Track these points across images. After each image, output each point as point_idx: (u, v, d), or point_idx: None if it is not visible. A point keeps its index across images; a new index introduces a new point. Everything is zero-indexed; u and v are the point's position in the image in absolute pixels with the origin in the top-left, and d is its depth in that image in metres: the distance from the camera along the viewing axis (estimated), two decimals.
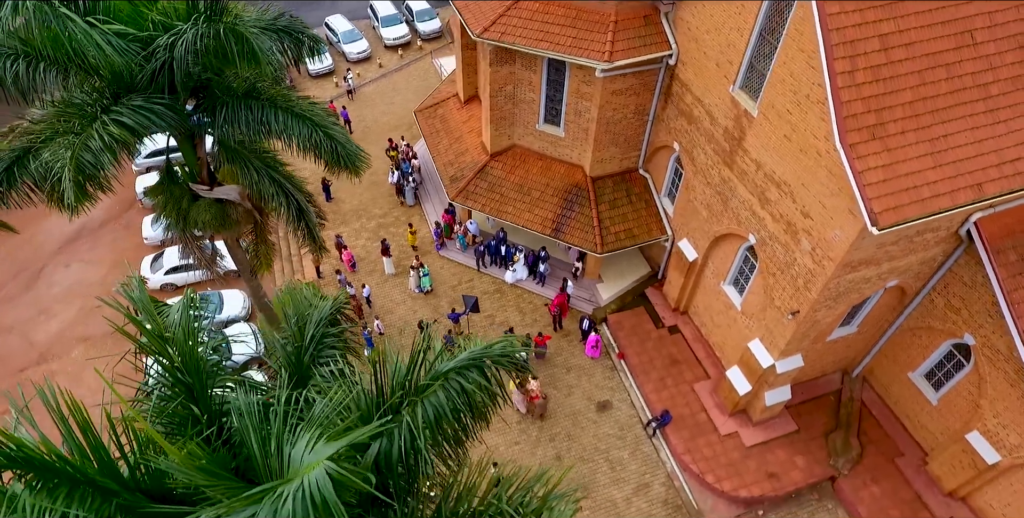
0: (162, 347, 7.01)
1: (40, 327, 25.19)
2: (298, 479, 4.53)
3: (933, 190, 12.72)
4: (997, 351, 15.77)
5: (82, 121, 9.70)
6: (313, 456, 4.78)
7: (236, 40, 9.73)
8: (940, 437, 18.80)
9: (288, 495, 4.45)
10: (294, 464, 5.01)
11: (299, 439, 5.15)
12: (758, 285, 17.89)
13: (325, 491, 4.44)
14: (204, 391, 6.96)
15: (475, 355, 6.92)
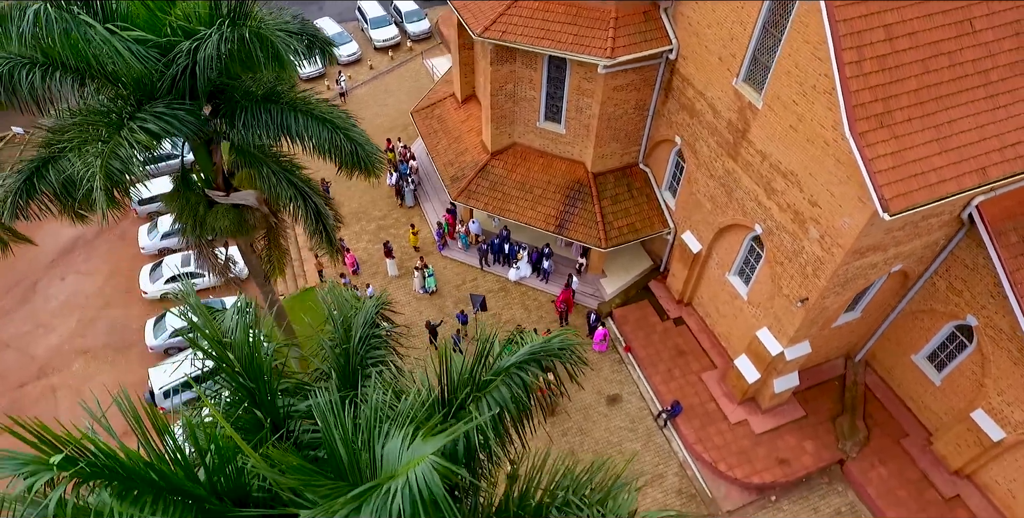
0: (223, 353, 7.01)
1: (38, 341, 24.81)
2: (404, 475, 4.61)
3: (940, 175, 13.05)
4: (1000, 331, 16.20)
5: (108, 129, 9.62)
6: (414, 452, 4.86)
7: (262, 44, 9.72)
8: (944, 417, 19.26)
9: (397, 490, 4.52)
10: (389, 461, 5.08)
11: (391, 437, 5.22)
12: (765, 274, 18.18)
13: (433, 485, 4.53)
14: (265, 395, 6.98)
15: (535, 349, 7.03)
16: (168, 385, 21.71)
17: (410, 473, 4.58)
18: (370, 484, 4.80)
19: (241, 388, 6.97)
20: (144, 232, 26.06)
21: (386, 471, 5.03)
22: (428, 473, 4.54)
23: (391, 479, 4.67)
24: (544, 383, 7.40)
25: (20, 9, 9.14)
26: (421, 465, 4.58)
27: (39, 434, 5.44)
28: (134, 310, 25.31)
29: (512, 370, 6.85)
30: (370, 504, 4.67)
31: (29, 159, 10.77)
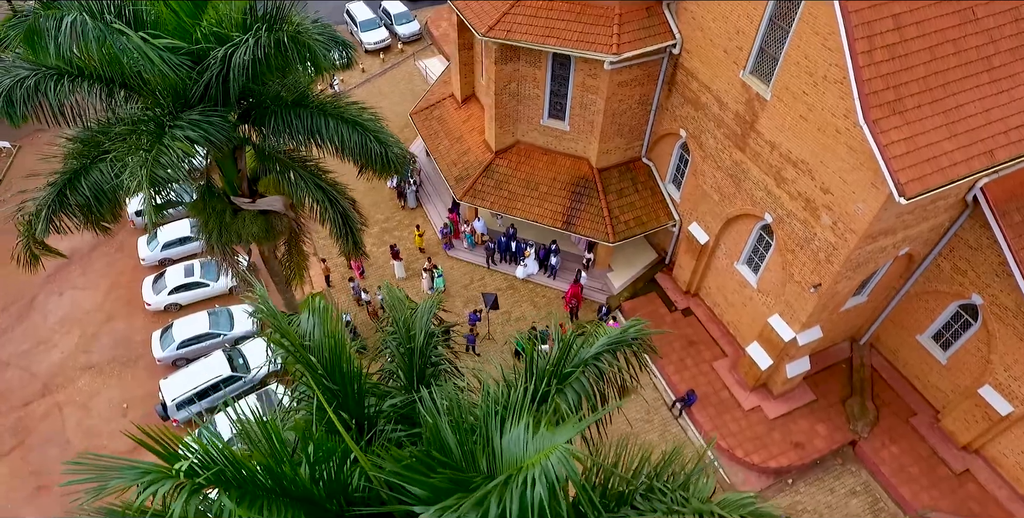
0: (306, 356, 7.06)
1: (40, 358, 24.38)
2: (538, 464, 4.74)
3: (951, 159, 13.48)
4: (1005, 308, 16.74)
5: (149, 137, 9.57)
6: (542, 442, 5.00)
7: (299, 48, 9.74)
8: (951, 395, 19.81)
9: (534, 479, 4.64)
10: (511, 452, 5.21)
11: (507, 429, 5.35)
12: (775, 262, 18.56)
13: (571, 471, 4.67)
14: (352, 396, 7.03)
15: (612, 340, 7.21)
16: (181, 396, 21.50)
17: (544, 462, 4.71)
18: (505, 475, 4.91)
19: (327, 391, 7.00)
20: (143, 243, 25.73)
21: (509, 462, 5.16)
22: (565, 460, 4.67)
23: (524, 469, 4.80)
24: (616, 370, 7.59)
25: (55, 19, 9.06)
26: (555, 453, 4.72)
27: (162, 442, 5.46)
28: (138, 322, 24.98)
29: (590, 361, 7.01)
30: (504, 494, 4.78)
31: (60, 171, 10.65)
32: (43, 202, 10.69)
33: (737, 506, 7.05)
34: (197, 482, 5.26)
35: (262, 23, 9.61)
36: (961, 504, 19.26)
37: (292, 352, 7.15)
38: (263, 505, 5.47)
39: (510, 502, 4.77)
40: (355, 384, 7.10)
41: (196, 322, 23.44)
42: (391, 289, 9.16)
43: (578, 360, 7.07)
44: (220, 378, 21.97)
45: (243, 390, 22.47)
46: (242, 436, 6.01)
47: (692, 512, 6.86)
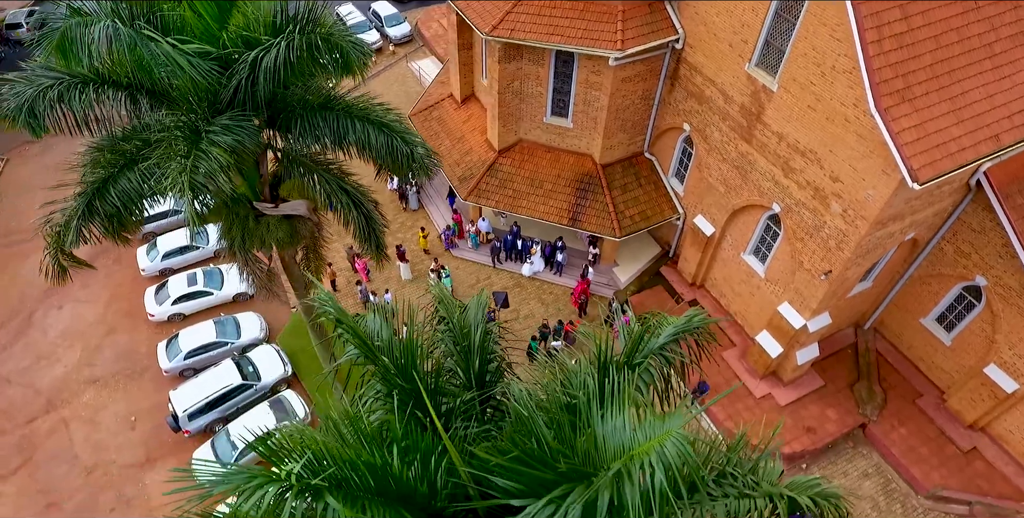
0: (378, 357, 7.08)
1: (43, 374, 23.97)
2: (653, 450, 4.87)
3: (959, 144, 13.85)
4: (1009, 288, 17.20)
5: (185, 143, 9.51)
6: (650, 430, 5.13)
7: (330, 50, 9.74)
8: (955, 375, 20.29)
9: (651, 465, 4.75)
10: (614, 442, 5.34)
11: (611, 419, 5.47)
12: (784, 251, 18.86)
13: (687, 455, 4.80)
14: (429, 395, 7.06)
15: (678, 329, 7.35)
16: (192, 407, 21.28)
17: (658, 448, 4.83)
18: (618, 463, 5.01)
19: (403, 391, 7.02)
20: (143, 254, 25.41)
21: (613, 452, 5.28)
22: (681, 445, 4.80)
23: (637, 457, 4.91)
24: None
25: (86, 25, 8.97)
26: (670, 439, 4.83)
27: (270, 446, 5.46)
28: (141, 334, 24.67)
29: (657, 351, 7.14)
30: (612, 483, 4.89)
31: (90, 180, 10.53)
32: (73, 212, 10.56)
33: (805, 487, 7.24)
34: (308, 484, 5.23)
35: (294, 25, 9.60)
36: (970, 481, 19.75)
37: (365, 352, 7.17)
38: (364, 505, 5.48)
39: (623, 490, 4.87)
40: (427, 382, 7.14)
41: (202, 331, 23.22)
42: (438, 286, 9.20)
43: (647, 351, 7.21)
44: (231, 387, 21.79)
45: (254, 398, 22.32)
46: (333, 436, 6.01)
47: (763, 495, 7.02)
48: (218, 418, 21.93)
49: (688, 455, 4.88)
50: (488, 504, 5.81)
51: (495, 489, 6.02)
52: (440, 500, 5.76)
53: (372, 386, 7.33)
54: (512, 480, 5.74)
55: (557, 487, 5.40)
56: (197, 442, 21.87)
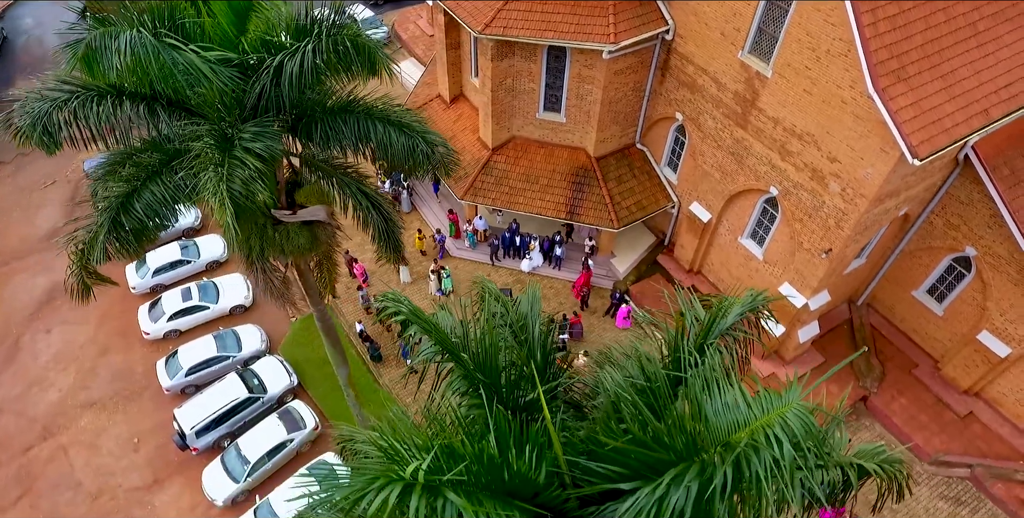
0: (458, 353, 7.11)
1: (36, 401, 23.24)
2: (775, 423, 5.06)
3: (953, 120, 14.41)
4: (999, 257, 17.93)
5: (219, 153, 9.37)
6: (765, 405, 5.33)
7: (359, 52, 9.70)
8: (949, 344, 21.06)
9: (776, 437, 4.94)
10: (723, 420, 5.53)
11: (719, 397, 5.65)
12: (782, 233, 19.34)
13: (811, 425, 5.00)
14: (510, 389, 7.12)
15: (744, 308, 7.57)
16: (200, 424, 20.89)
17: (780, 420, 5.01)
18: (743, 436, 5.18)
19: (485, 386, 7.07)
20: (132, 271, 24.79)
21: (724, 428, 5.47)
22: (804, 416, 4.99)
23: (756, 431, 5.09)
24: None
25: (112, 36, 8.78)
26: (791, 411, 5.02)
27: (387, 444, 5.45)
28: (136, 353, 24.09)
29: (727, 331, 7.35)
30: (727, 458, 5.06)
31: (114, 194, 10.30)
32: (98, 228, 10.32)
33: (871, 455, 7.52)
34: (434, 481, 5.20)
35: (320, 28, 9.54)
36: (969, 444, 20.56)
37: (444, 350, 7.20)
38: (478, 500, 5.52)
39: (744, 465, 5.05)
40: (510, 375, 7.20)
41: (202, 346, 22.79)
42: (486, 281, 9.25)
43: (717, 331, 7.41)
44: (238, 401, 21.46)
45: (262, 411, 22.01)
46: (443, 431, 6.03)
47: (834, 464, 7.28)
48: (226, 433, 21.57)
49: (811, 425, 5.07)
50: (598, 489, 5.91)
51: (594, 477, 6.14)
52: (552, 490, 5.83)
53: (453, 384, 7.32)
54: (617, 465, 5.87)
55: (667, 468, 5.55)
56: (205, 459, 21.47)
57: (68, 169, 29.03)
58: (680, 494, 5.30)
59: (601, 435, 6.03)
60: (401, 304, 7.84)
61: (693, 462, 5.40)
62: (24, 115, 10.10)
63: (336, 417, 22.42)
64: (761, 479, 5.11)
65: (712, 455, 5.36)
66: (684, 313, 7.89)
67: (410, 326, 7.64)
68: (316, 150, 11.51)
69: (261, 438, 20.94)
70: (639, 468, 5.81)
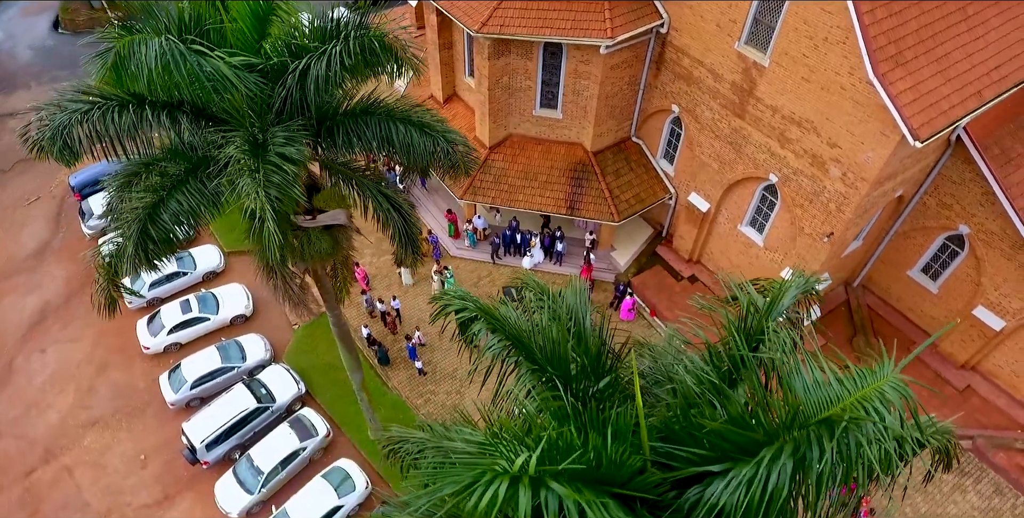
0: (529, 346, 7.17)
1: (35, 423, 22.69)
2: (874, 397, 5.27)
3: (949, 102, 14.87)
4: (991, 233, 18.52)
5: (253, 158, 9.29)
6: (859, 381, 5.54)
7: (384, 52, 9.69)
8: (944, 320, 21.66)
9: (877, 410, 5.12)
10: (817, 396, 5.71)
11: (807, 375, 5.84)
12: (783, 219, 19.73)
13: (908, 397, 5.19)
14: (571, 380, 7.21)
15: (800, 290, 7.78)
16: (210, 436, 20.61)
17: (878, 393, 5.20)
18: (837, 411, 5.38)
19: (553, 377, 7.14)
20: (126, 285, 24.22)
21: (816, 405, 5.65)
22: (902, 388, 5.18)
23: (849, 408, 5.28)
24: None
25: (141, 44, 8.65)
26: (888, 384, 5.20)
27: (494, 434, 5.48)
28: (137, 369, 23.66)
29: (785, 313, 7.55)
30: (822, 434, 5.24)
31: (142, 205, 10.14)
32: (127, 239, 10.14)
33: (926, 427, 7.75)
34: (540, 473, 5.21)
35: (347, 29, 9.50)
36: (970, 417, 21.19)
37: (514, 343, 7.25)
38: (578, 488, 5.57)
39: (843, 441, 5.22)
40: (580, 364, 7.28)
41: (206, 358, 22.48)
42: (529, 277, 9.30)
43: (775, 314, 7.60)
44: (247, 411, 21.21)
45: (271, 420, 21.79)
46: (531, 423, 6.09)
47: (891, 437, 7.49)
48: (236, 445, 21.32)
49: (909, 397, 5.26)
50: (690, 472, 6.03)
51: (674, 461, 6.27)
52: (645, 475, 5.92)
53: (522, 379, 7.35)
54: (699, 447, 6.01)
55: (757, 447, 5.69)
56: (215, 472, 21.20)
57: (52, 185, 28.35)
58: (777, 472, 5.45)
59: (681, 420, 6.16)
60: (466, 301, 7.86)
61: (787, 440, 5.56)
62: (43, 128, 9.89)
63: (346, 423, 22.30)
64: (858, 453, 5.30)
65: (806, 432, 5.52)
66: (738, 298, 8.04)
67: (476, 322, 7.67)
68: (338, 153, 11.44)
69: (273, 448, 20.74)
70: (727, 449, 5.94)
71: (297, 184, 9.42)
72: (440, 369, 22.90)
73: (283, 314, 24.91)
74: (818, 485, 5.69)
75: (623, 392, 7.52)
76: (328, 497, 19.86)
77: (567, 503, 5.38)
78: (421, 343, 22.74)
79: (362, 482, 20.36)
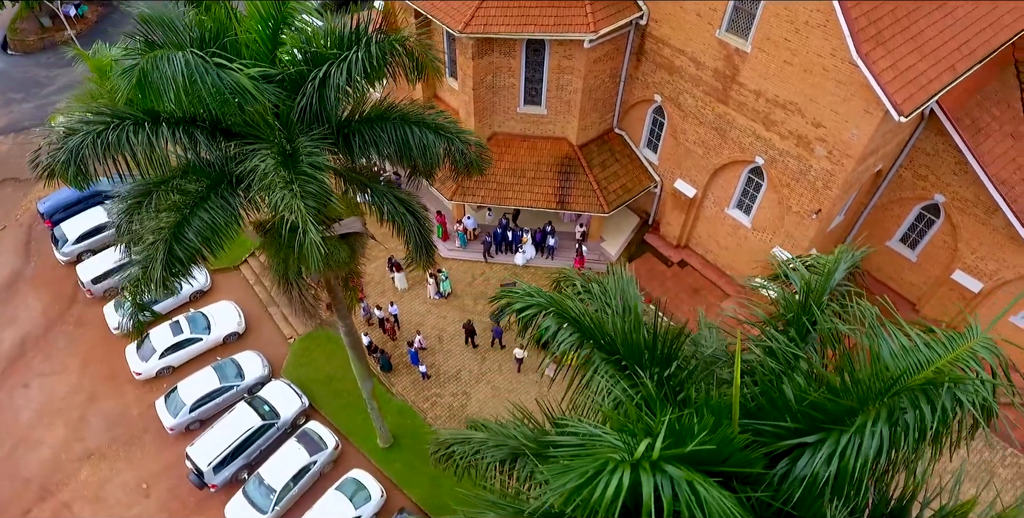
0: (612, 336, 7.28)
1: (26, 460, 21.78)
2: (967, 356, 5.58)
3: (927, 77, 15.56)
4: (966, 200, 19.44)
5: (285, 169, 9.14)
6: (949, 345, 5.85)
7: (407, 55, 9.65)
8: (924, 287, 22.65)
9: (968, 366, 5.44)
10: (905, 363, 6.01)
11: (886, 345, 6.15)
12: (770, 200, 20.31)
13: (999, 355, 5.53)
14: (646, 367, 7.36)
15: (848, 264, 8.11)
16: (217, 459, 20.14)
17: (970, 354, 5.52)
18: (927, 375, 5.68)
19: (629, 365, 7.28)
20: (111, 311, 23.50)
21: (905, 372, 5.96)
22: (993, 347, 5.50)
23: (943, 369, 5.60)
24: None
25: (165, 59, 8.42)
26: (979, 344, 5.52)
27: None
28: (129, 396, 22.92)
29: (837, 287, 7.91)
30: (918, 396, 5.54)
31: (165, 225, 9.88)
32: (155, 261, 9.85)
33: None
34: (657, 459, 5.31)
35: (368, 35, 9.43)
36: None
37: (588, 336, 7.35)
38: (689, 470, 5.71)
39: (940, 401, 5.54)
40: (658, 351, 7.44)
41: (203, 379, 21.94)
42: (569, 271, 9.41)
43: (829, 288, 7.91)
44: (252, 429, 20.80)
45: (277, 436, 21.41)
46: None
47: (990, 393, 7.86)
48: (243, 465, 20.89)
49: (1001, 356, 5.57)
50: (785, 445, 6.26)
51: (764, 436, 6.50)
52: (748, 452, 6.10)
53: (600, 370, 7.44)
54: (792, 421, 6.26)
55: (846, 417, 5.96)
56: (224, 495, 20.74)
57: (17, 212, 27.15)
58: (875, 437, 5.72)
59: (774, 393, 6.39)
60: (534, 296, 7.91)
61: (882, 405, 5.83)
62: (54, 152, 9.55)
63: (353, 433, 22.08)
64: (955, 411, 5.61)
65: (904, 396, 5.80)
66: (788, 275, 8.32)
67: (547, 317, 7.73)
68: (356, 160, 11.34)
69: (283, 464, 20.39)
70: (817, 420, 6.19)
71: (332, 193, 9.31)
72: (443, 371, 22.84)
73: (277, 329, 24.48)
74: (915, 446, 5.98)
75: (693, 375, 7.72)
76: (345, 509, 19.65)
77: (681, 486, 5.52)
78: (422, 347, 22.64)
79: (377, 491, 20.19)
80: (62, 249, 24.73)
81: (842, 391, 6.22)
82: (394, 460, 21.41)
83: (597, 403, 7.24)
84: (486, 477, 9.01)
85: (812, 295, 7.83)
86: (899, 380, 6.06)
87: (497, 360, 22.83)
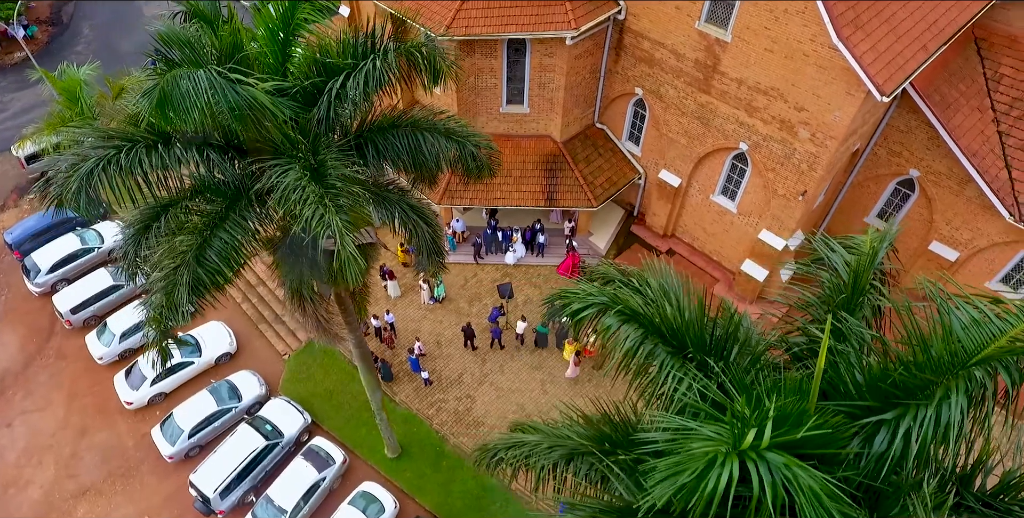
0: (680, 331, 7.34)
1: (17, 503, 20.85)
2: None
3: (904, 57, 16.12)
4: (939, 174, 20.22)
5: (316, 185, 8.93)
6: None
7: (423, 62, 9.54)
8: (903, 258, 23.48)
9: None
10: (976, 335, 6.23)
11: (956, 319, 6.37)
12: (755, 185, 20.77)
13: None
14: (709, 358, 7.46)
15: (886, 243, 8.35)
16: (223, 484, 19.63)
17: None
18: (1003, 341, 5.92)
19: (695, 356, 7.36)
20: (94, 340, 22.64)
21: (978, 344, 6.19)
22: None
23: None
24: None
25: (186, 78, 8.13)
26: None
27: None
28: (121, 427, 22.14)
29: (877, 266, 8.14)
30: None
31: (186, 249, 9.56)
32: (177, 286, 9.52)
33: None
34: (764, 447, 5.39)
35: (384, 43, 9.28)
36: None
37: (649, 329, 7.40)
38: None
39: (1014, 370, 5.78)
40: (722, 342, 7.55)
41: (199, 404, 21.34)
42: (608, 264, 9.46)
43: (875, 265, 8.15)
44: (256, 451, 20.33)
45: (283, 455, 20.98)
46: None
47: None
48: (250, 488, 20.42)
49: None
50: (865, 422, 6.44)
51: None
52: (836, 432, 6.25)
53: (665, 365, 7.50)
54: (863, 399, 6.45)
55: (920, 390, 6.17)
56: None
57: None
58: (954, 409, 5.94)
59: (854, 371, 6.58)
60: (595, 296, 7.91)
61: (958, 377, 6.05)
62: (65, 180, 9.16)
63: (359, 446, 21.78)
64: None
65: (980, 368, 6.03)
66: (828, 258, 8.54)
67: (608, 315, 7.75)
68: (371, 169, 11.18)
69: (292, 483, 20.01)
70: (889, 396, 6.40)
71: (365, 203, 9.16)
72: (445, 376, 22.70)
73: (269, 345, 23.96)
74: (989, 415, 6.24)
75: (759, 360, 7.88)
76: None
77: (780, 472, 5.63)
78: (422, 353, 22.46)
79: (390, 502, 19.98)
80: (35, 280, 23.69)
81: (917, 366, 6.43)
82: (404, 469, 21.20)
83: (680, 396, 7.26)
84: (540, 479, 9.01)
85: (860, 275, 8.04)
86: (976, 352, 6.30)
87: (498, 361, 22.79)
